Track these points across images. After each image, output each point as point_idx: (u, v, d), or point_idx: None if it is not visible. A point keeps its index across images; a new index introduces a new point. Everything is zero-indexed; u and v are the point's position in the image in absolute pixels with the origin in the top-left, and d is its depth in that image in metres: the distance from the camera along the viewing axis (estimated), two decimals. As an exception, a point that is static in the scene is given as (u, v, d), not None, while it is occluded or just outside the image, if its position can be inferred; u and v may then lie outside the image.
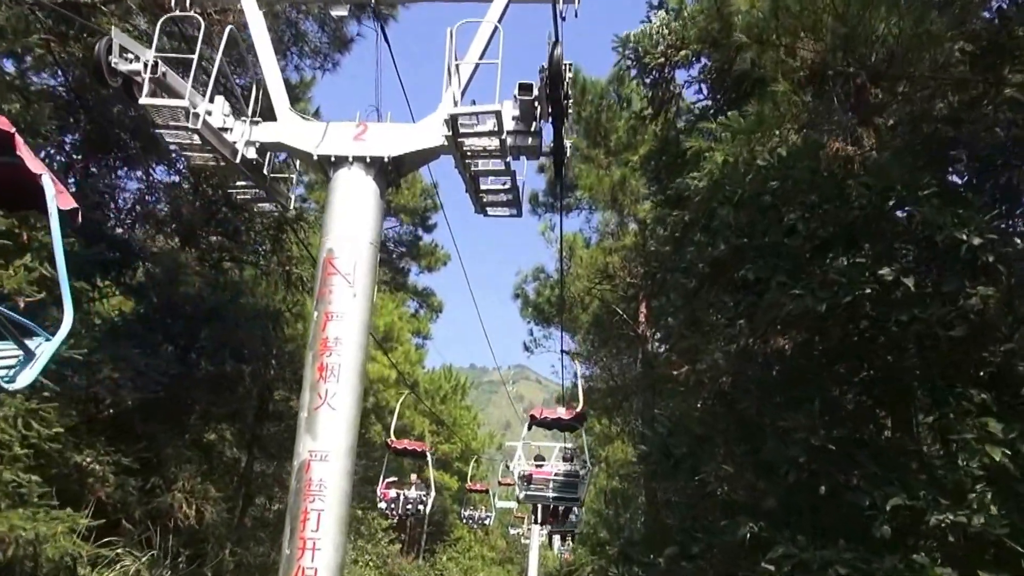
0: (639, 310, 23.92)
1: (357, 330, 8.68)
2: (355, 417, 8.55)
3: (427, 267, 42.00)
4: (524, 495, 19.91)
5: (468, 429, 58.29)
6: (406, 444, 21.55)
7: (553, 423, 19.91)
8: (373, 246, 9.07)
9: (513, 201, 10.71)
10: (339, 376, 8.41)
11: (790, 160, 7.09)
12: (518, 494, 21.02)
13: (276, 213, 19.47)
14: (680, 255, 12.25)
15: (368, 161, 9.11)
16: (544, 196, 26.66)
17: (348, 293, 8.71)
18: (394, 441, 21.02)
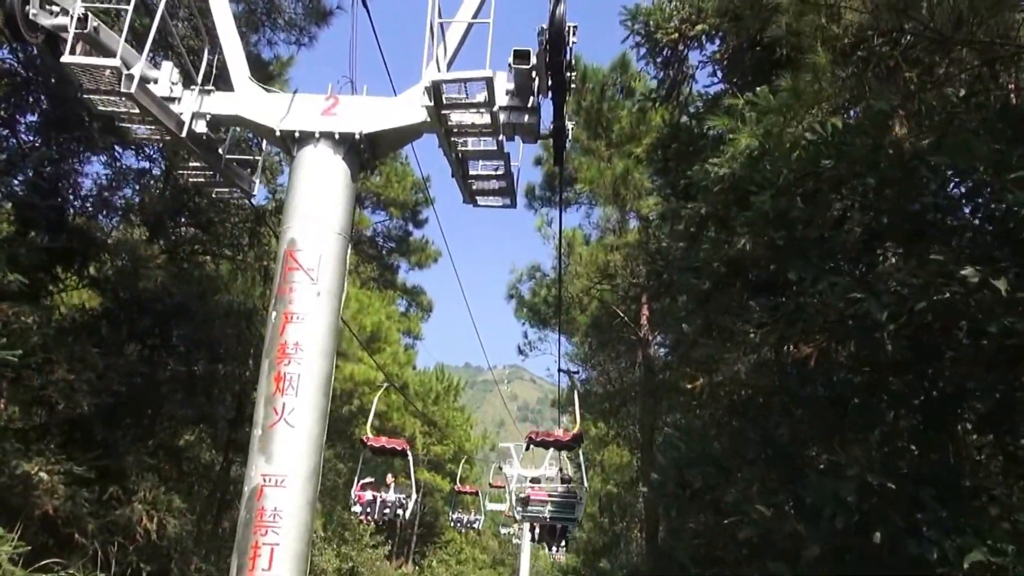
0: (641, 312, 22.76)
1: (322, 334, 7.51)
2: (318, 436, 7.38)
3: (417, 264, 40.66)
4: (521, 515, 19.38)
5: (461, 430, 57.19)
6: (384, 441, 19.26)
7: (551, 444, 19.55)
8: (342, 237, 7.89)
9: (506, 189, 9.52)
10: (299, 388, 7.25)
11: (848, 134, 5.91)
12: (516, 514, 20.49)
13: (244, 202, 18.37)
14: (692, 253, 11.07)
15: (337, 138, 7.94)
16: (541, 189, 25.43)
17: (311, 291, 7.54)
18: (370, 438, 18.87)
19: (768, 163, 6.72)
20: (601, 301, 24.40)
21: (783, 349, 8.70)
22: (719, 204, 9.35)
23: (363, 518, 19.26)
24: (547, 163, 23.60)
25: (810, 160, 6.20)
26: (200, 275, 19.62)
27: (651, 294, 20.48)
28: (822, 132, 6.03)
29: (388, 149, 8.62)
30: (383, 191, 37.98)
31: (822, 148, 6.05)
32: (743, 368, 8.08)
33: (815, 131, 6.10)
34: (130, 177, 17.52)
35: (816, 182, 6.28)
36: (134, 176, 17.58)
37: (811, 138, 6.19)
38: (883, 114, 5.68)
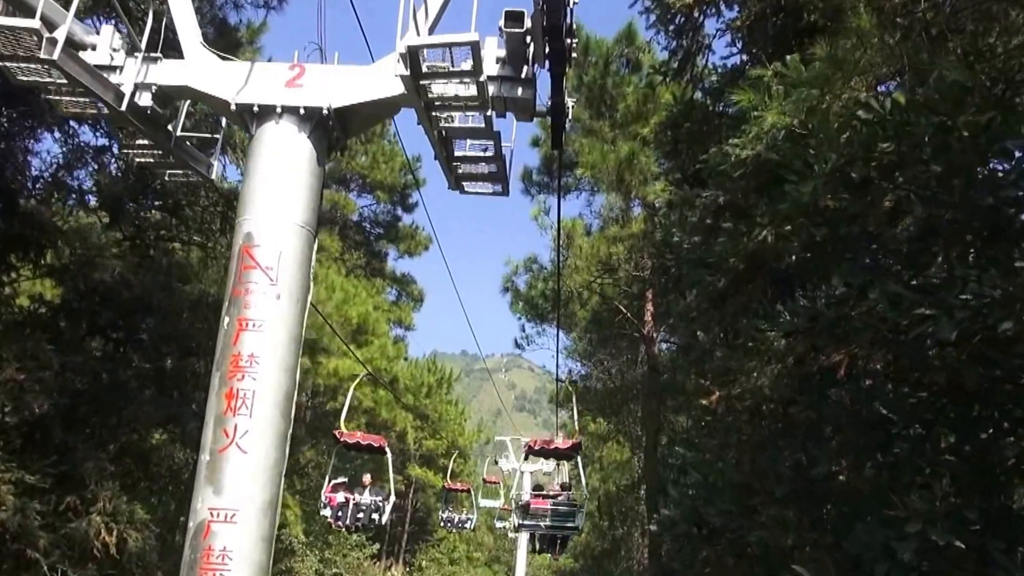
0: (645, 308, 21.94)
1: (282, 344, 6.69)
2: (276, 463, 6.56)
3: (407, 251, 39.79)
4: (521, 524, 19.66)
5: (454, 425, 56.55)
6: (359, 437, 17.75)
7: (549, 453, 20.00)
8: (307, 230, 7.06)
9: (497, 174, 8.67)
10: (254, 407, 6.43)
11: (911, 112, 5.06)
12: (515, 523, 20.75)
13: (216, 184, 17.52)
14: (706, 246, 10.25)
15: (302, 113, 7.09)
16: (539, 174, 24.43)
17: (270, 294, 6.72)
18: (344, 432, 17.30)
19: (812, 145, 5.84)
20: (602, 296, 23.54)
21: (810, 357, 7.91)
22: (739, 192, 8.52)
23: (333, 523, 17.45)
24: (545, 145, 22.67)
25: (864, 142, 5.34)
26: (168, 263, 18.77)
27: (657, 290, 19.65)
28: (879, 109, 5.18)
29: (361, 126, 7.78)
30: (369, 173, 37.09)
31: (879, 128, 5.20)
32: (767, 381, 7.27)
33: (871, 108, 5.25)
34: (88, 156, 16.62)
35: (867, 169, 5.44)
36: (92, 154, 16.67)
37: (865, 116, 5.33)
38: (958, 87, 4.84)
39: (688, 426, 19.74)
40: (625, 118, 21.37)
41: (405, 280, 41.67)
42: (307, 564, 28.23)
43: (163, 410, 16.54)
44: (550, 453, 20.15)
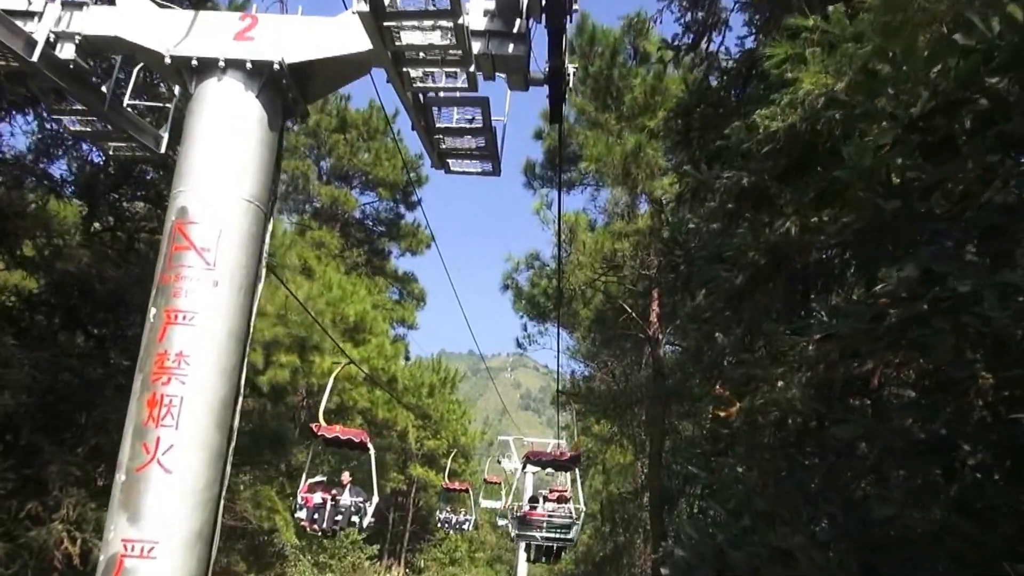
0: (651, 308, 20.66)
1: (220, 342, 5.48)
2: (209, 484, 5.35)
3: (409, 249, 38.60)
4: (517, 535, 19.60)
5: (457, 424, 55.32)
6: (339, 431, 15.83)
7: (549, 463, 20.20)
8: (255, 206, 5.84)
9: (486, 150, 7.43)
10: (182, 417, 5.21)
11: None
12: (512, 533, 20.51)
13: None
14: (725, 238, 8.98)
15: (250, 68, 5.87)
16: (542, 168, 23.20)
17: (206, 280, 5.50)
18: (321, 426, 15.58)
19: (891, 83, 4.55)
20: (606, 294, 22.24)
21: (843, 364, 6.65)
22: (765, 173, 7.25)
23: (308, 526, 15.50)
24: (549, 137, 21.43)
25: (963, 77, 4.02)
26: (155, 256, 17.56)
27: (664, 288, 18.35)
28: (986, 31, 3.87)
29: (324, 88, 6.55)
30: (371, 170, 35.97)
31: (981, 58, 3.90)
32: (797, 392, 6.02)
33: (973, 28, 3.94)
34: (67, 141, 15.41)
35: (953, 118, 4.14)
36: (72, 141, 15.46)
37: (964, 41, 4.02)
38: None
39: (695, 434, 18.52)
40: (632, 110, 20.12)
41: (406, 278, 40.49)
42: (300, 569, 27.01)
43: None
44: (549, 463, 20.21)
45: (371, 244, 38.35)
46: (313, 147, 36.15)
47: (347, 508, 15.30)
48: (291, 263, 21.02)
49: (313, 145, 36.05)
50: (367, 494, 15.79)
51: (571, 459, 19.11)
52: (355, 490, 15.93)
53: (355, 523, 15.63)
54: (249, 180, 5.83)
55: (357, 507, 15.44)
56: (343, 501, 15.36)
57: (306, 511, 15.31)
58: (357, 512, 15.43)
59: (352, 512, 15.34)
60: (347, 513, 15.29)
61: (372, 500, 15.66)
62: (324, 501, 15.26)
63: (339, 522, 15.34)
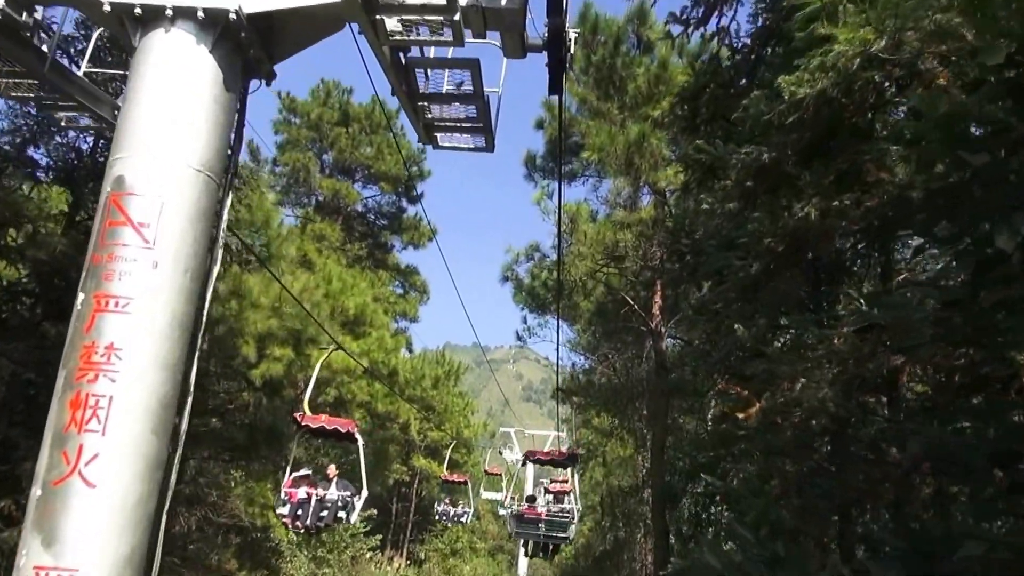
0: (653, 300, 19.72)
1: (160, 333, 4.56)
2: (142, 500, 4.42)
3: (411, 242, 37.67)
4: (516, 531, 19.50)
5: (460, 417, 54.45)
6: (324, 421, 14.39)
7: (547, 461, 20.40)
8: (206, 176, 4.93)
9: (478, 121, 6.51)
10: (109, 421, 4.29)
11: None
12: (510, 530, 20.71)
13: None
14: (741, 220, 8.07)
15: (202, 18, 4.94)
16: (543, 159, 22.23)
17: (145, 260, 4.57)
18: (305, 416, 14.28)
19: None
20: (607, 286, 21.29)
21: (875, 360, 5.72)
22: (788, 147, 6.32)
23: (290, 523, 14.20)
24: (550, 127, 20.47)
25: None
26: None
27: (668, 280, 17.36)
28: None
29: (293, 45, 5.61)
30: (374, 164, 35.05)
31: None
32: (828, 391, 5.11)
33: None
34: (52, 128, 14.52)
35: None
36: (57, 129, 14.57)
37: None
38: None
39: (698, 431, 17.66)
40: (635, 100, 19.16)
41: (408, 271, 39.57)
42: (296, 565, 26.12)
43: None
44: (547, 462, 20.44)
45: (373, 237, 37.45)
46: (315, 140, 35.22)
47: (333, 503, 14.09)
48: (288, 254, 20.12)
49: (315, 138, 35.13)
50: (355, 488, 14.60)
51: (569, 458, 19.29)
52: (342, 484, 14.70)
53: (342, 519, 14.50)
54: (200, 146, 4.91)
55: (344, 502, 14.26)
56: (329, 496, 14.14)
57: (289, 507, 14.13)
58: (344, 507, 14.26)
59: (338, 507, 14.16)
60: (333, 508, 14.09)
61: (360, 495, 14.43)
62: (308, 496, 14.06)
63: (324, 518, 14.11)
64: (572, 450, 20.15)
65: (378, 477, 43.11)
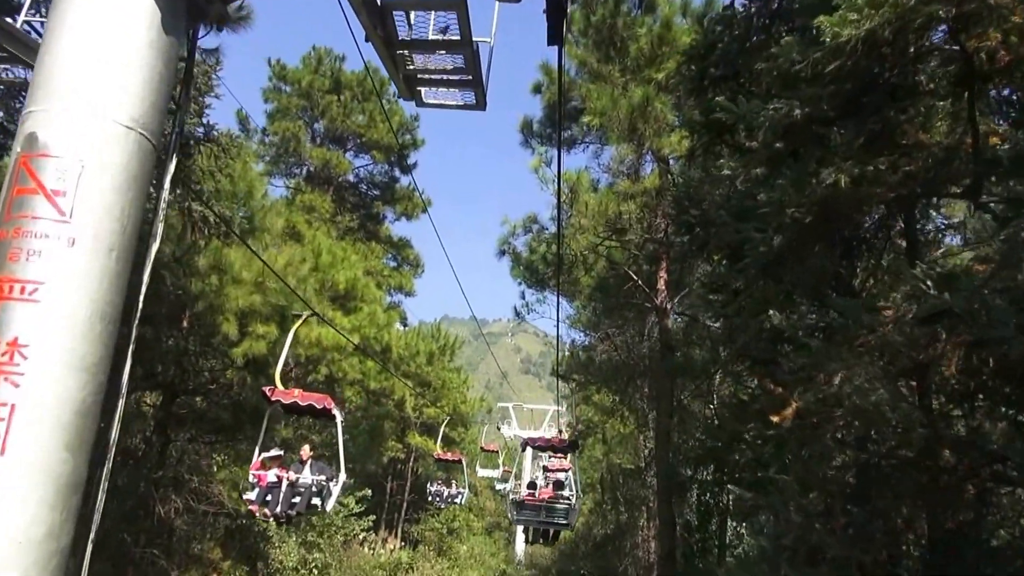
0: (658, 275, 18.94)
1: (79, 326, 3.81)
2: (51, 533, 3.66)
3: (404, 214, 36.81)
4: (517, 518, 19.63)
5: (457, 393, 53.89)
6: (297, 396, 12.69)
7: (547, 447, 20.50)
8: (140, 134, 4.16)
9: (467, 75, 5.71)
10: (8, 436, 3.54)
11: None
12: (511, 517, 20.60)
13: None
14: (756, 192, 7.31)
15: (128, -62, 4.12)
16: (541, 125, 21.30)
17: (60, 236, 3.81)
18: (275, 390, 12.68)
19: None
20: (609, 260, 20.49)
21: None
22: (824, 101, 5.54)
23: (258, 510, 12.76)
24: (549, 91, 19.53)
25: None
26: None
27: (675, 254, 16.54)
28: None
29: (244, -20, 4.76)
30: (366, 132, 34.12)
31: None
32: (882, 392, 4.38)
33: None
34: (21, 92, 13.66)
35: None
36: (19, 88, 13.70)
37: None
38: None
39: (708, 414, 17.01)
40: (637, 62, 18.26)
41: (401, 244, 38.75)
42: (284, 551, 25.56)
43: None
44: (547, 448, 20.53)
45: (365, 208, 36.62)
46: (306, 108, 34.28)
47: (307, 488, 12.70)
48: (273, 227, 19.27)
49: (306, 106, 34.19)
50: (332, 472, 13.21)
51: (569, 444, 19.32)
52: (318, 466, 13.37)
53: (316, 506, 13.07)
54: (130, 99, 4.12)
55: (320, 487, 12.87)
56: (302, 480, 12.78)
57: (257, 492, 12.73)
58: (319, 493, 12.86)
59: (313, 493, 12.76)
60: (307, 494, 12.70)
61: (339, 478, 13.00)
62: (279, 480, 12.64)
63: (296, 505, 12.70)
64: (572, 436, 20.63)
65: (373, 455, 42.66)
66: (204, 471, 19.73)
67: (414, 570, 36.58)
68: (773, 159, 6.41)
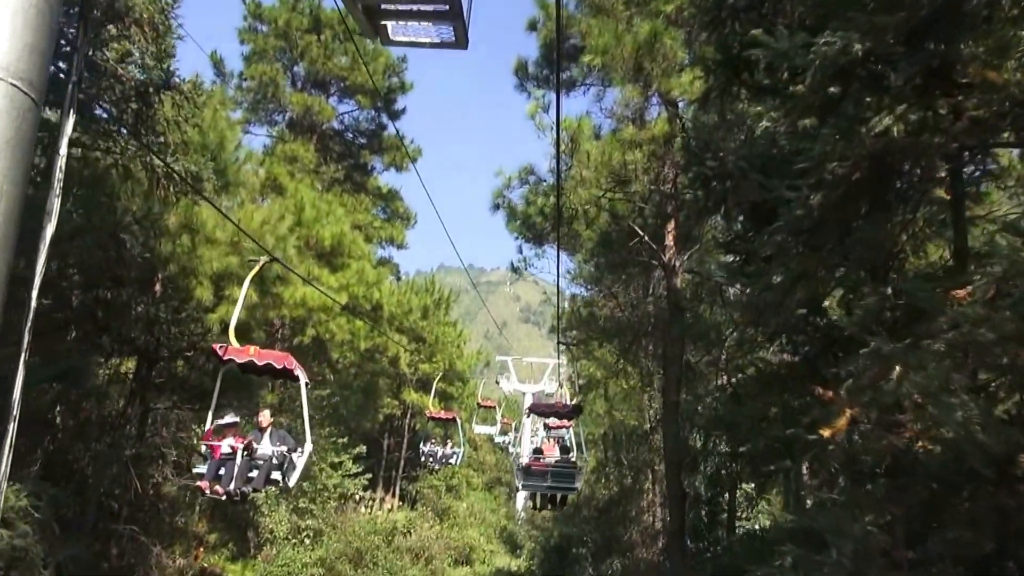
0: (665, 230, 17.97)
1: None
2: None
3: (392, 164, 35.63)
4: (523, 484, 19.96)
5: (453, 348, 53.38)
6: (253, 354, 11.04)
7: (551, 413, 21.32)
8: (10, 84, 3.26)
9: (443, 4, 4.74)
10: None
11: None
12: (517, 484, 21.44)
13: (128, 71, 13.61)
14: (800, 140, 6.41)
15: None
16: (536, 66, 20.03)
17: None
18: (228, 348, 11.09)
19: None
20: (612, 214, 19.49)
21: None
22: (890, 32, 4.61)
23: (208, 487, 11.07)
24: (546, 28, 18.32)
25: None
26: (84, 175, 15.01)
27: (690, 211, 15.54)
28: None
29: None
30: (349, 75, 32.70)
31: None
32: (973, 408, 3.53)
33: None
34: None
35: None
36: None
37: None
38: None
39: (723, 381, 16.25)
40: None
41: (391, 195, 37.63)
42: (275, 518, 25.14)
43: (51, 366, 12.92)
44: (551, 413, 21.31)
45: (351, 158, 35.38)
46: (283, 50, 32.74)
47: (266, 461, 11.20)
48: (247, 181, 18.33)
49: (283, 48, 32.63)
50: (295, 441, 11.78)
51: (573, 409, 19.77)
52: (279, 435, 11.82)
53: (277, 481, 11.50)
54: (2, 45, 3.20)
55: (282, 458, 11.34)
56: (261, 451, 11.30)
57: (209, 464, 11.20)
58: (281, 466, 11.33)
59: (273, 466, 11.25)
60: (265, 467, 11.19)
61: (304, 449, 11.55)
62: (233, 451, 11.09)
63: (253, 480, 11.16)
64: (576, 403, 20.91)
65: (368, 412, 42.26)
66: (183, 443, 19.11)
67: (411, 533, 36.37)
68: (825, 106, 5.46)
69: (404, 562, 31.10)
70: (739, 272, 8.29)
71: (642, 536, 25.15)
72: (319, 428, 30.03)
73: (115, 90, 13.92)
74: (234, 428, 11.76)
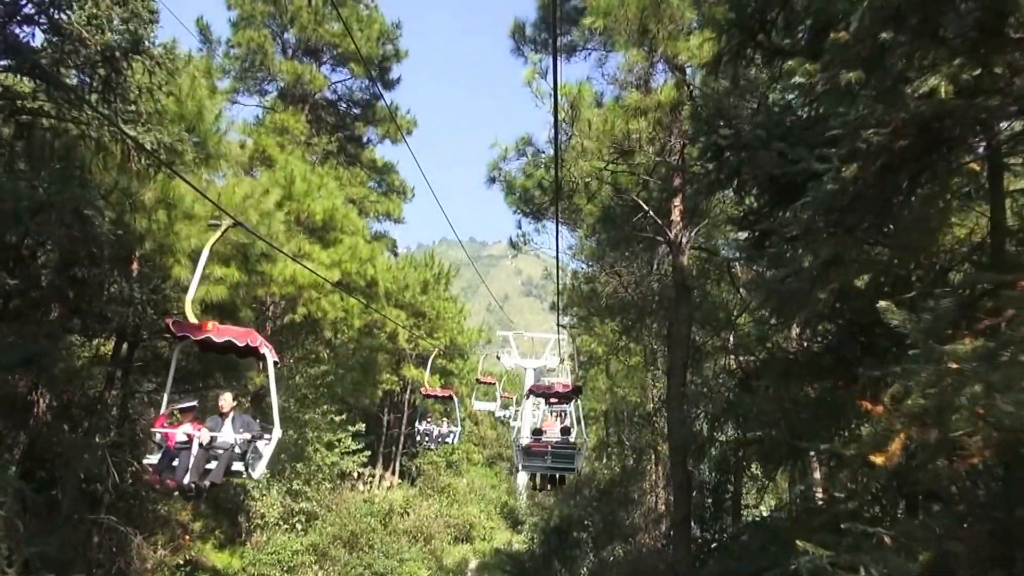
0: (671, 204, 17.04)
1: None
2: None
3: (387, 135, 34.61)
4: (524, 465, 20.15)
5: (453, 323, 52.70)
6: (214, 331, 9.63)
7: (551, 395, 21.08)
8: None
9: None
10: None
11: None
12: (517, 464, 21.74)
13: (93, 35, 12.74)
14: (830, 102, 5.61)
15: None
16: (535, 28, 18.97)
17: None
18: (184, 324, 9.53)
19: None
20: (615, 187, 18.59)
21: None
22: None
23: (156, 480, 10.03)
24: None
25: None
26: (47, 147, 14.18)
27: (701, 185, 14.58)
28: None
29: None
30: (341, 42, 31.58)
31: None
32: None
33: None
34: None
35: None
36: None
37: None
38: None
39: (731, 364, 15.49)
40: (649, -51, 16.03)
41: (386, 168, 36.65)
42: (267, 502, 24.49)
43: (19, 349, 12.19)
44: (551, 395, 20.95)
45: (345, 130, 34.35)
46: (272, 15, 31.59)
47: (227, 450, 10.03)
48: (230, 153, 17.46)
49: (272, 13, 31.48)
50: (259, 429, 10.54)
51: (572, 391, 19.68)
52: (242, 421, 10.59)
53: (239, 472, 10.34)
54: None
55: (245, 447, 10.23)
56: (221, 440, 10.13)
57: (162, 455, 9.94)
58: (243, 456, 10.20)
59: (235, 456, 10.12)
60: (225, 457, 10.00)
61: (272, 436, 10.35)
62: (188, 439, 9.94)
63: (211, 473, 9.93)
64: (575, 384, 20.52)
65: (366, 389, 41.70)
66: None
67: (409, 514, 35.89)
68: (872, 58, 4.62)
69: (401, 544, 30.57)
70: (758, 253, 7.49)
71: (644, 520, 24.60)
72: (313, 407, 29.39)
73: (79, 54, 13.06)
74: (192, 414, 10.70)
